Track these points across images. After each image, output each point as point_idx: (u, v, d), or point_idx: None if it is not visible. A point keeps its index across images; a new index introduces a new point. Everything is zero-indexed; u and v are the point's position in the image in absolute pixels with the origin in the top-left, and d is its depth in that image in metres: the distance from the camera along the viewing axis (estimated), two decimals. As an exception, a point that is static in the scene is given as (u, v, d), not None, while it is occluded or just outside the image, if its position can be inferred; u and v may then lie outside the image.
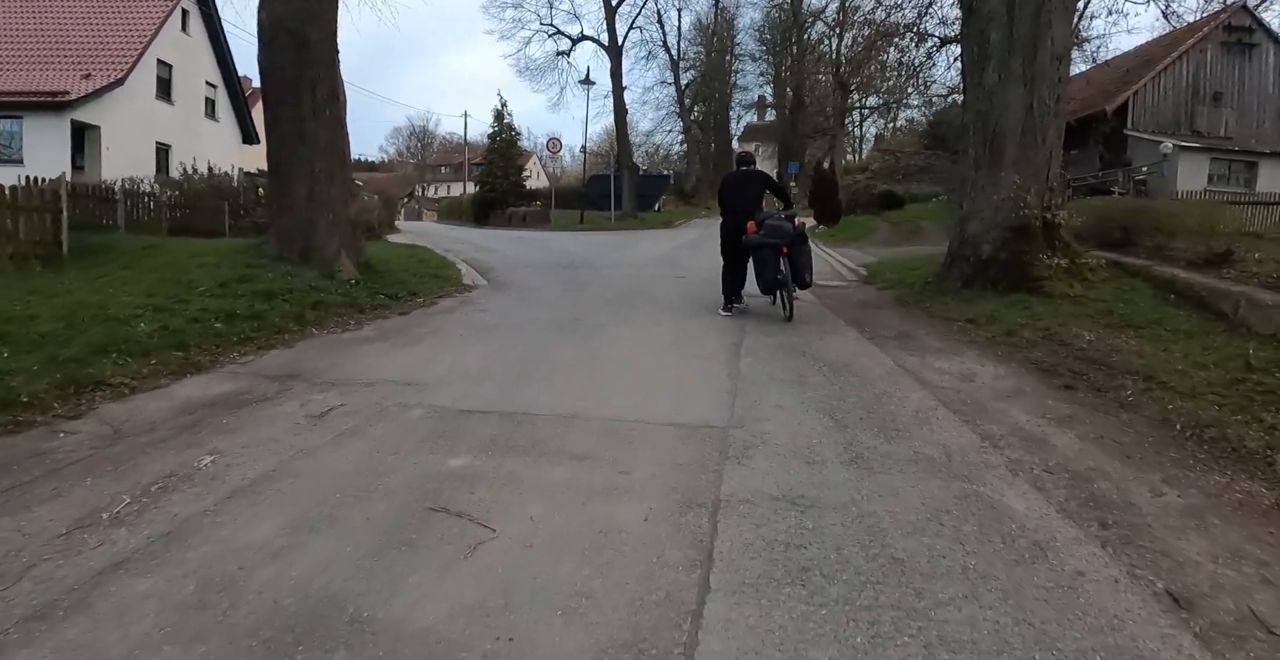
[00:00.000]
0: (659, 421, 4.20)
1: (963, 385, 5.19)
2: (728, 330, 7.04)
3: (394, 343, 6.44)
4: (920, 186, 34.10)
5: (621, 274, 11.85)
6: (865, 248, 17.63)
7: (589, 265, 13.24)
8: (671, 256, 15.31)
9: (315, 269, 8.49)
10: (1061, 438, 4.14)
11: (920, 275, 10.09)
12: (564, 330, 6.91)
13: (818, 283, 10.82)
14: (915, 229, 22.15)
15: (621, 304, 8.60)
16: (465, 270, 11.73)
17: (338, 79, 8.99)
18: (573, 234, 23.79)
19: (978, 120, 8.37)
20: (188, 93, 27.29)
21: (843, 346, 6.40)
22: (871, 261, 13.31)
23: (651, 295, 9.43)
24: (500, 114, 34.87)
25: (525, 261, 14.03)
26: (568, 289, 10.04)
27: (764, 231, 7.60)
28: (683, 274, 11.90)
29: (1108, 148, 23.78)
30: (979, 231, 8.28)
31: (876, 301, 9.06)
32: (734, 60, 50.67)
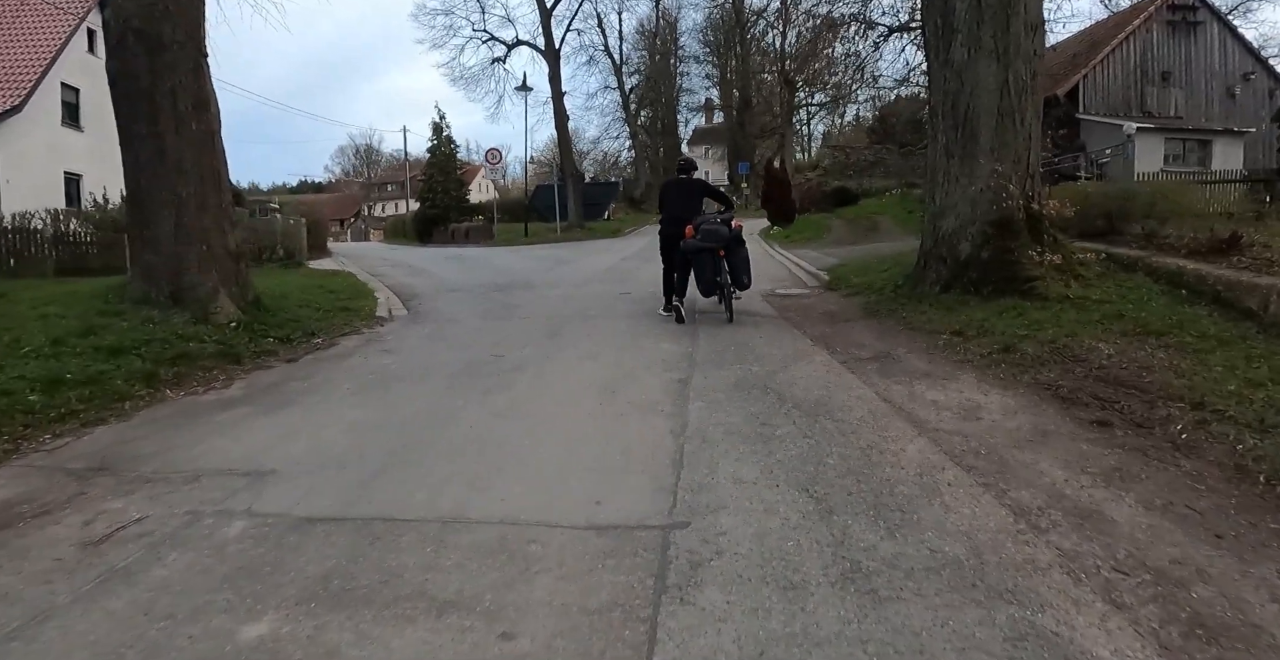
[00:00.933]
0: (572, 523, 3.01)
1: (968, 425, 4.10)
2: (674, 362, 5.87)
3: (260, 406, 5.15)
4: (872, 181, 33.59)
5: (560, 294, 10.65)
6: (823, 248, 16.68)
7: (526, 285, 12.01)
8: (618, 269, 14.14)
9: (188, 312, 7.15)
10: (1119, 507, 3.05)
11: (889, 278, 9.07)
12: (475, 376, 5.68)
13: (777, 292, 9.79)
14: (872, 225, 21.33)
15: (553, 334, 7.40)
16: (384, 299, 10.43)
17: (207, 87, 7.67)
18: (515, 249, 22.51)
19: (946, 102, 7.36)
20: (100, 118, 25.35)
21: (813, 376, 5.28)
22: (832, 264, 12.30)
23: (590, 319, 8.24)
24: (439, 127, 33.54)
25: (457, 284, 12.75)
26: (495, 317, 8.80)
27: (700, 235, 7.66)
28: (628, 289, 10.74)
29: (1060, 132, 23.25)
30: (955, 228, 7.26)
31: (844, 312, 7.98)
32: (679, 63, 49.92)
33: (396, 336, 7.75)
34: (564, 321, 8.12)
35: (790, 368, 5.55)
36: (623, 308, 9.00)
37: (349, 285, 11.68)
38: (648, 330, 7.34)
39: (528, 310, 9.18)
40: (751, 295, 9.43)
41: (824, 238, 19.49)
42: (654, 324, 7.72)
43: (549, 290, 11.13)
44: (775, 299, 9.20)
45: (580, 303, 9.60)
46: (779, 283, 10.81)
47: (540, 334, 7.40)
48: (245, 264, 8.06)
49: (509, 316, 8.74)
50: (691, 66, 50.43)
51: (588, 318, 8.31)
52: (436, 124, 33.62)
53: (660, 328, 7.45)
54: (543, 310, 9.10)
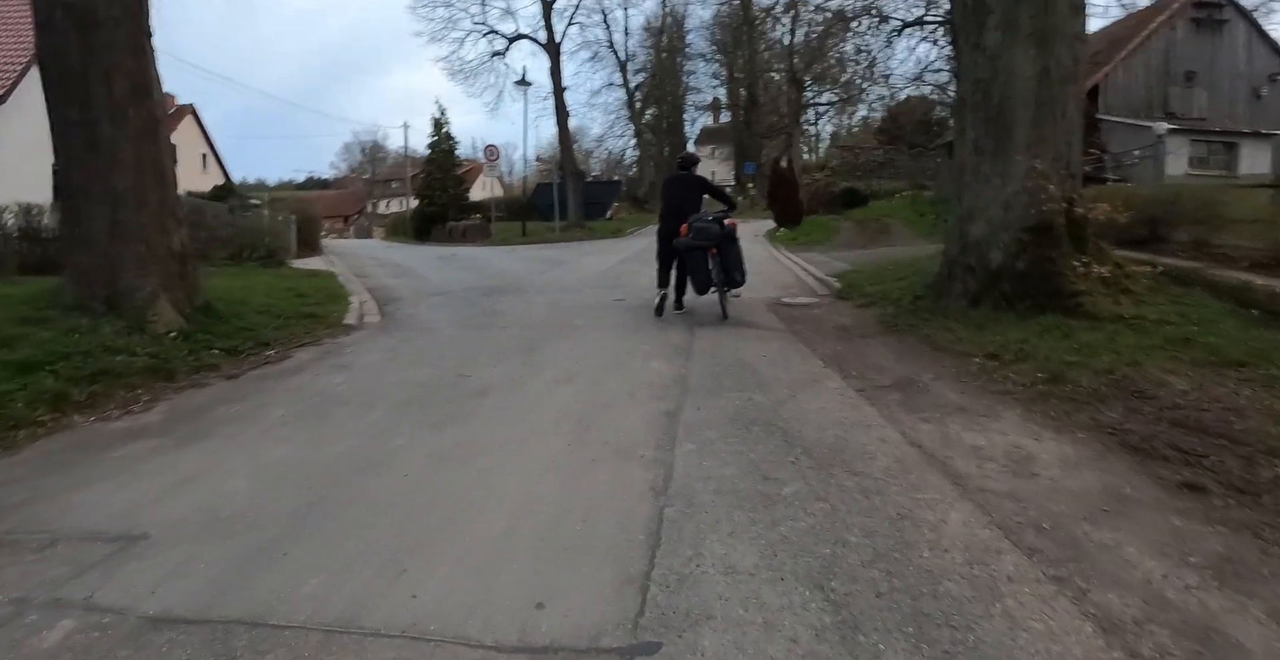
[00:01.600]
0: (498, 640, 2.20)
1: (1022, 484, 3.28)
2: (663, 386, 5.06)
3: (172, 437, 4.36)
4: (881, 182, 32.82)
5: (548, 300, 9.84)
6: (832, 251, 15.84)
7: (515, 289, 11.21)
8: (614, 273, 13.32)
9: (123, 320, 6.37)
10: (1244, 624, 2.25)
11: (907, 288, 8.24)
12: (431, 402, 4.87)
13: (783, 301, 8.98)
14: (882, 228, 20.49)
15: (530, 348, 6.59)
16: (358, 304, 9.63)
17: (150, 71, 6.88)
18: (511, 249, 21.71)
19: (976, 92, 6.53)
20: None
21: (826, 409, 4.46)
22: (843, 269, 11.47)
23: (575, 331, 7.43)
24: (439, 123, 32.77)
25: (442, 286, 11.95)
26: (473, 326, 8.00)
27: (692, 234, 7.67)
28: (622, 295, 9.93)
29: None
30: (986, 234, 6.43)
31: (858, 326, 7.16)
32: (685, 60, 49.07)
33: (358, 349, 6.96)
34: (546, 333, 7.32)
35: (799, 396, 4.73)
36: (613, 317, 8.19)
37: (325, 288, 10.90)
38: (637, 346, 6.53)
39: (510, 318, 8.37)
40: (756, 304, 8.64)
41: (832, 240, 18.64)
42: (645, 338, 6.92)
43: (537, 296, 10.32)
44: (782, 309, 8.38)
45: (568, 311, 8.80)
46: (786, 290, 9.99)
47: (517, 349, 6.60)
48: (193, 265, 7.27)
49: (488, 326, 7.94)
50: (698, 64, 49.63)
51: (573, 329, 7.50)
52: (437, 120, 32.87)
53: (651, 343, 6.64)
54: (526, 319, 8.30)
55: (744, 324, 7.43)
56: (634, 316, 8.19)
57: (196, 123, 43.18)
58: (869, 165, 38.48)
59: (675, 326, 7.49)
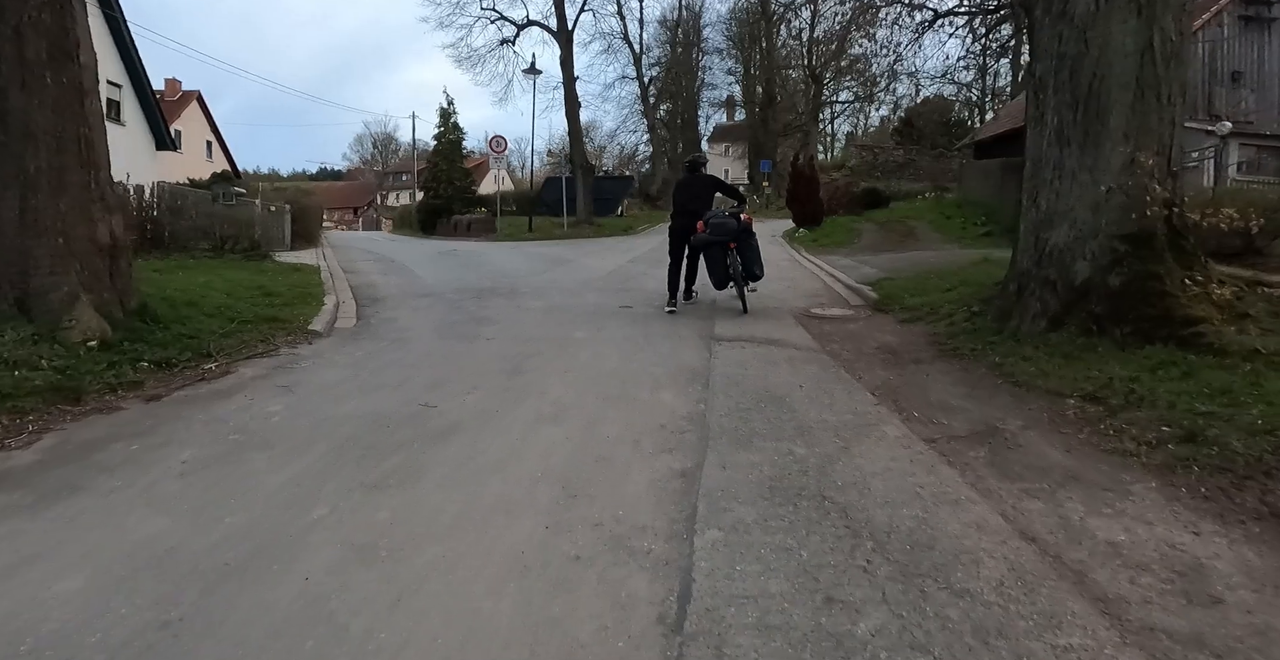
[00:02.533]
0: None
1: (1203, 618, 2.20)
2: (676, 430, 3.97)
3: (33, 491, 3.29)
4: (900, 183, 31.68)
5: (545, 305, 8.76)
6: (856, 255, 14.71)
7: (511, 291, 10.14)
8: (622, 273, 12.24)
9: (34, 325, 5.34)
10: None
11: (958, 301, 7.15)
12: (374, 447, 3.79)
13: (813, 311, 7.89)
14: (907, 231, 19.32)
15: (515, 369, 5.51)
16: (333, 306, 8.58)
17: (74, 31, 5.82)
18: (515, 245, 20.65)
19: (1060, 70, 5.42)
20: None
21: (891, 470, 3.37)
22: (874, 276, 10.35)
23: (573, 345, 6.36)
24: (446, 113, 31.74)
25: (433, 286, 10.89)
26: (455, 336, 6.92)
27: (710, 230, 7.80)
28: (630, 301, 8.84)
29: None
30: (1070, 242, 5.32)
31: (907, 347, 6.05)
32: (701, 55, 47.88)
33: (315, 364, 5.89)
34: (538, 348, 6.24)
35: (852, 450, 3.64)
36: (617, 328, 7.12)
37: (303, 285, 9.85)
38: (645, 367, 5.45)
39: (500, 327, 7.30)
40: (782, 315, 7.56)
41: (855, 242, 17.49)
42: (655, 357, 5.84)
43: (534, 300, 9.25)
44: (813, 323, 7.29)
45: (567, 319, 7.72)
46: (814, 299, 8.89)
47: (499, 368, 5.52)
48: (127, 261, 6.22)
49: (474, 337, 6.86)
50: (714, 60, 48.45)
51: (570, 344, 6.43)
52: (444, 110, 31.84)
53: (662, 364, 5.56)
54: (517, 329, 7.22)
55: (772, 341, 6.34)
56: (642, 328, 7.11)
57: (202, 109, 42.37)
58: (889, 165, 37.33)
59: (690, 341, 6.41)
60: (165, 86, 41.43)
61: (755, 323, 7.26)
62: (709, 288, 8.52)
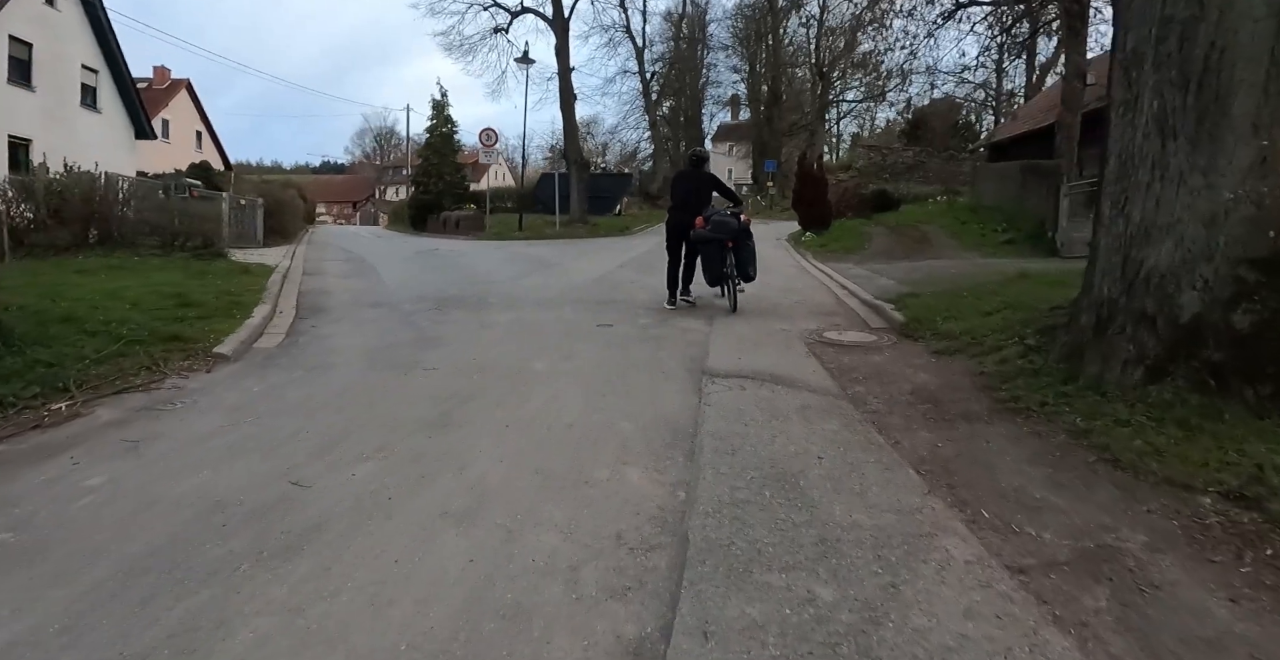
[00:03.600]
0: None
1: None
2: (639, 550, 2.68)
3: None
4: (909, 185, 30.43)
5: (512, 321, 7.47)
6: (869, 262, 13.43)
7: (478, 300, 8.85)
8: (610, 281, 10.95)
9: None
10: None
11: (1003, 328, 5.88)
12: (177, 572, 2.47)
13: (827, 335, 6.60)
14: (921, 237, 18.01)
15: (444, 419, 4.21)
16: (261, 319, 7.29)
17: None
18: (501, 245, 19.34)
19: (1166, 40, 4.13)
20: (55, 78, 22.66)
21: (971, 637, 2.10)
22: (894, 289, 9.08)
23: (527, 383, 5.07)
24: (439, 105, 30.42)
25: (392, 293, 9.61)
26: (388, 365, 5.62)
27: (711, 227, 7.84)
28: (611, 318, 7.55)
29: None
30: (1174, 265, 4.03)
31: (952, 393, 4.75)
32: (706, 52, 46.53)
33: (194, 404, 4.61)
34: (483, 385, 4.96)
35: (905, 592, 2.36)
36: (589, 356, 5.83)
37: (236, 292, 8.56)
38: (612, 422, 4.15)
39: (448, 351, 6.02)
40: (790, 340, 6.29)
41: (865, 248, 16.20)
42: (628, 403, 4.55)
43: (502, 312, 7.96)
44: (828, 352, 6.00)
45: (532, 341, 6.45)
46: (828, 318, 7.60)
47: (423, 418, 4.23)
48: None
49: (410, 366, 5.57)
50: (719, 58, 47.10)
51: (525, 378, 5.14)
52: (437, 101, 30.48)
53: (635, 417, 4.27)
54: (468, 354, 5.94)
55: (779, 379, 5.05)
56: (620, 355, 5.83)
57: (192, 99, 41.15)
58: (897, 167, 36.03)
59: (676, 377, 5.13)
60: (154, 74, 40.23)
61: (758, 349, 5.99)
62: (703, 287, 8.22)
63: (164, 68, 41.50)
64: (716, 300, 8.55)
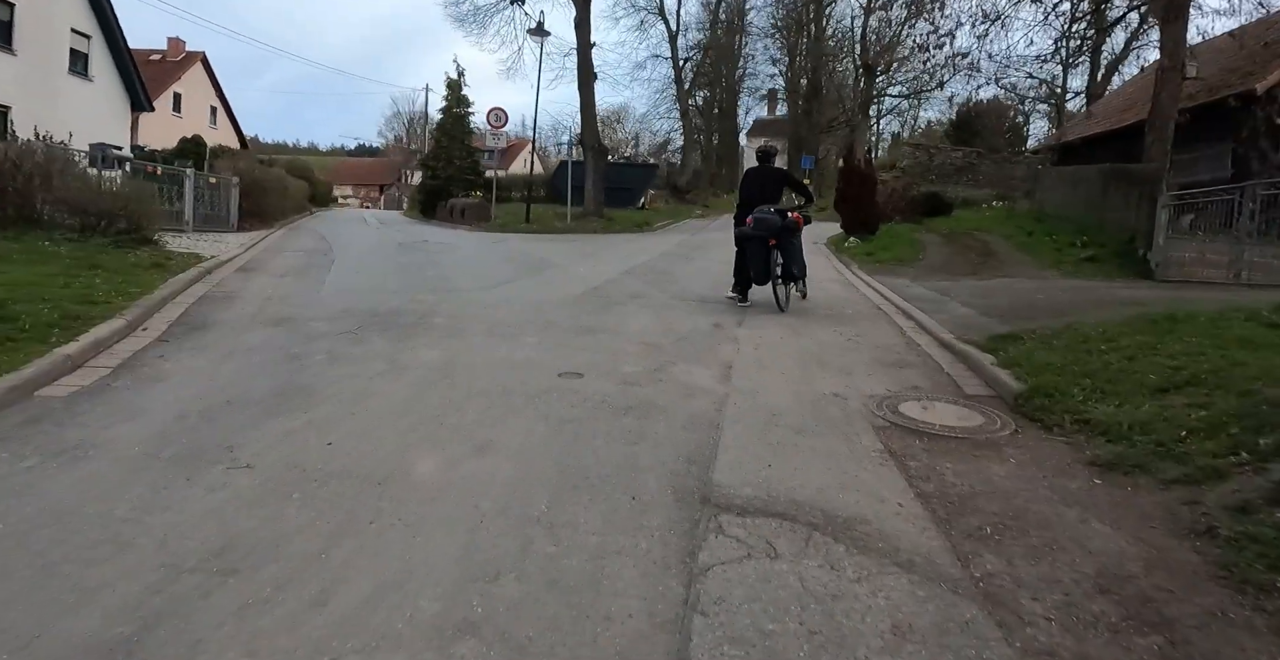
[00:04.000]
0: None
1: None
2: None
3: None
4: (959, 189, 27.85)
5: (438, 361, 5.16)
6: (928, 278, 11.02)
7: (418, 320, 6.59)
8: (606, 294, 8.62)
9: None
10: None
11: (1210, 425, 3.50)
12: None
13: (901, 411, 4.18)
14: (983, 249, 15.42)
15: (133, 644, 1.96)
16: (101, 337, 5.12)
17: None
18: (500, 238, 17.06)
19: None
20: (40, 41, 20.84)
21: None
22: (980, 324, 6.70)
23: (380, 515, 2.79)
24: (455, 84, 28.25)
25: (313, 306, 7.36)
26: (178, 459, 3.33)
27: (754, 225, 7.69)
28: (584, 362, 5.24)
29: (1250, 143, 17.07)
30: None
31: (1166, 579, 2.42)
32: (744, 41, 43.94)
33: None
34: (278, 535, 2.66)
35: None
36: (515, 452, 3.51)
37: (100, 296, 6.37)
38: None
39: (298, 426, 3.74)
40: (851, 417, 3.98)
41: (920, 259, 13.71)
42: (531, 621, 2.26)
43: (432, 345, 5.67)
44: (913, 448, 3.64)
45: (439, 407, 4.15)
46: (897, 372, 5.25)
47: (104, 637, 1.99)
48: None
49: (213, 460, 3.29)
50: (757, 48, 44.47)
51: (365, 519, 2.82)
52: (452, 81, 28.28)
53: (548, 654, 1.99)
54: (325, 433, 3.65)
55: (839, 527, 2.74)
56: (570, 451, 3.51)
57: (207, 72, 39.52)
58: (945, 168, 33.34)
59: (652, 526, 2.79)
60: (168, 45, 38.64)
61: (799, 441, 3.68)
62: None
63: (178, 39, 39.84)
64: (739, 329, 6.60)
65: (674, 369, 5.06)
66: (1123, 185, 14.83)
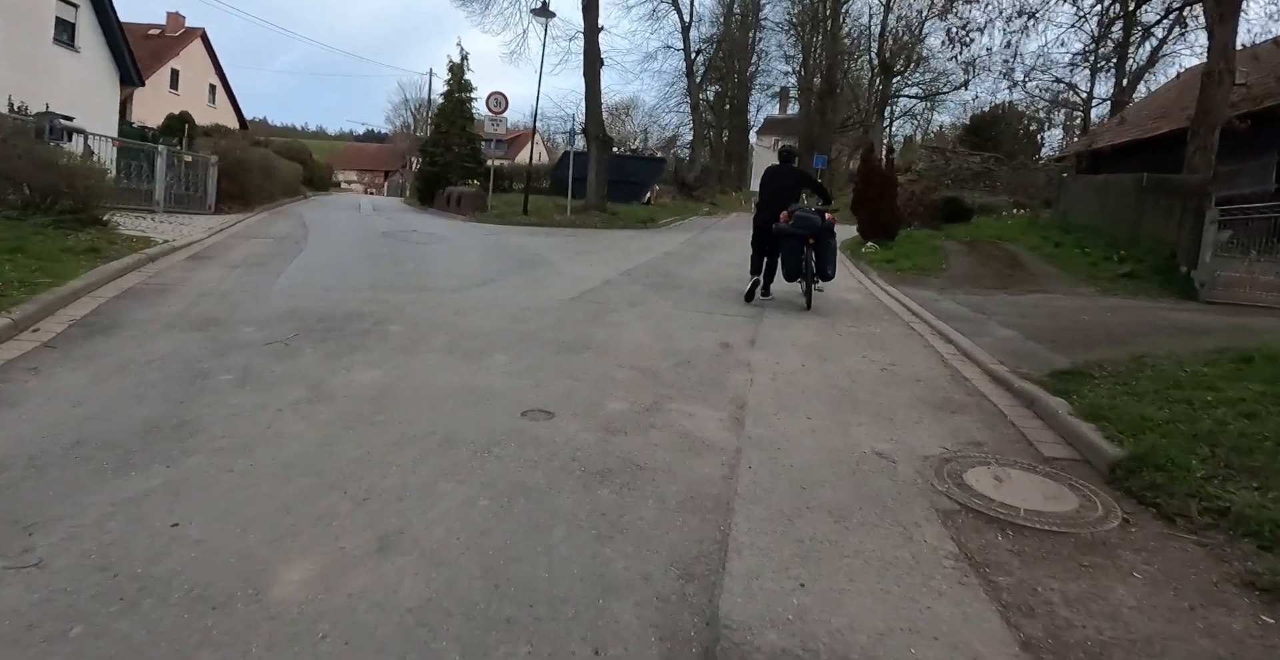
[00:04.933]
0: None
1: None
2: None
3: None
4: (976, 195, 26.81)
5: (374, 386, 4.13)
6: (956, 291, 9.98)
7: (370, 327, 5.55)
8: (601, 298, 7.57)
9: None
10: None
11: None
12: None
13: (985, 495, 3.19)
14: (1009, 260, 14.33)
15: None
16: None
17: None
18: (493, 231, 15.97)
19: None
20: (22, 8, 19.68)
21: None
22: (1030, 350, 5.67)
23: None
24: (458, 68, 27.16)
25: (256, 304, 6.32)
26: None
27: (794, 222, 7.75)
28: (557, 394, 4.20)
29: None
30: None
31: None
32: (759, 36, 42.74)
33: None
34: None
35: None
36: (435, 547, 2.51)
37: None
38: None
39: (130, 495, 2.73)
40: (904, 493, 2.89)
41: (944, 269, 12.64)
42: None
43: (376, 364, 4.63)
44: (999, 555, 2.61)
45: (353, 460, 3.13)
46: (948, 417, 4.21)
47: None
48: None
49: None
50: (771, 45, 43.27)
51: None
52: (454, 65, 27.21)
53: None
54: (218, 497, 2.64)
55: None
56: (512, 547, 2.49)
57: (207, 49, 38.41)
58: (961, 173, 32.18)
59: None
60: (167, 21, 37.54)
61: (838, 536, 2.66)
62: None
63: (177, 14, 38.69)
64: (752, 350, 5.58)
65: (671, 408, 4.01)
66: (1162, 197, 13.74)
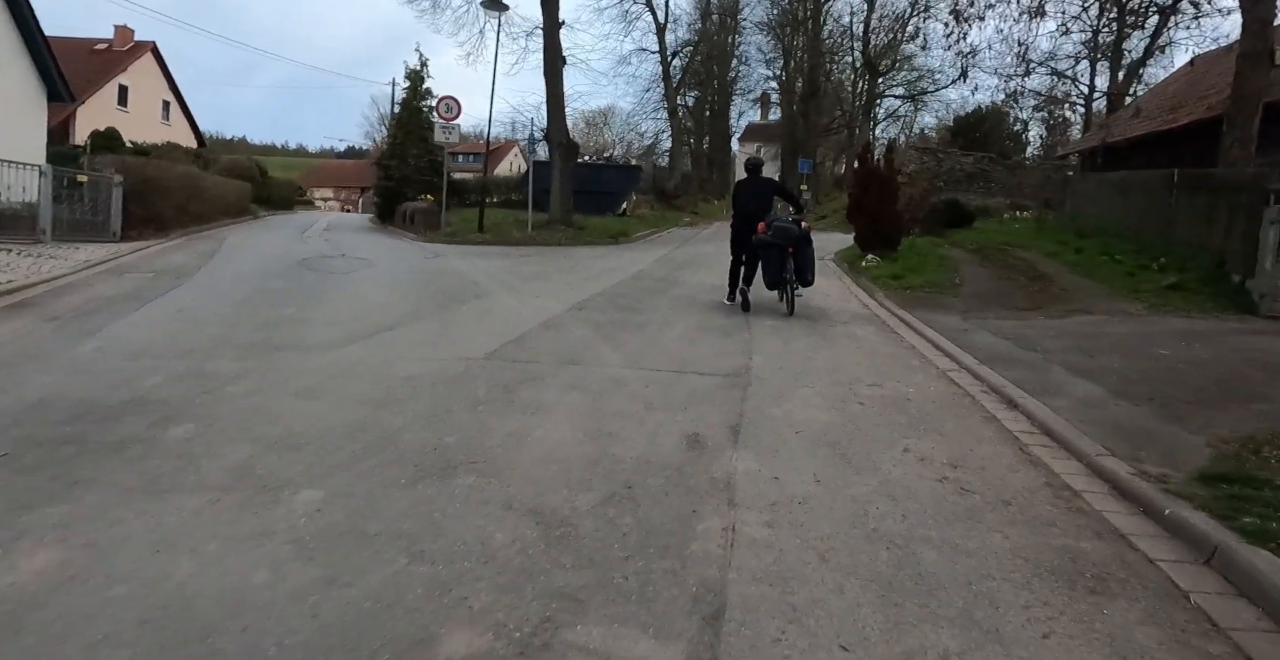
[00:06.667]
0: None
1: None
2: None
3: None
4: (970, 197, 25.23)
5: (11, 618, 2.18)
6: (983, 316, 8.09)
7: (131, 443, 3.57)
8: (529, 353, 5.59)
9: None
10: None
11: None
12: None
13: None
14: (1032, 272, 12.32)
15: None
16: None
17: None
18: (437, 252, 13.92)
19: None
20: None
21: None
22: (1142, 423, 3.77)
23: None
24: (417, 76, 25.20)
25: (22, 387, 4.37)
26: None
27: (772, 233, 7.97)
28: (414, 546, 2.27)
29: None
30: None
31: None
32: (739, 39, 41.07)
33: None
34: None
35: None
36: None
37: None
38: None
39: None
40: None
41: (958, 285, 10.67)
42: None
43: (70, 535, 2.67)
44: None
45: None
46: (1079, 597, 2.27)
47: None
48: None
49: None
50: (751, 49, 41.62)
51: None
52: (413, 72, 25.24)
53: None
54: None
55: None
56: None
57: (159, 64, 36.27)
58: (954, 174, 30.54)
59: None
60: (115, 34, 35.47)
61: None
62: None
63: (126, 27, 36.58)
64: (735, 454, 3.34)
65: (573, 640, 2.04)
66: (1200, 194, 11.87)
